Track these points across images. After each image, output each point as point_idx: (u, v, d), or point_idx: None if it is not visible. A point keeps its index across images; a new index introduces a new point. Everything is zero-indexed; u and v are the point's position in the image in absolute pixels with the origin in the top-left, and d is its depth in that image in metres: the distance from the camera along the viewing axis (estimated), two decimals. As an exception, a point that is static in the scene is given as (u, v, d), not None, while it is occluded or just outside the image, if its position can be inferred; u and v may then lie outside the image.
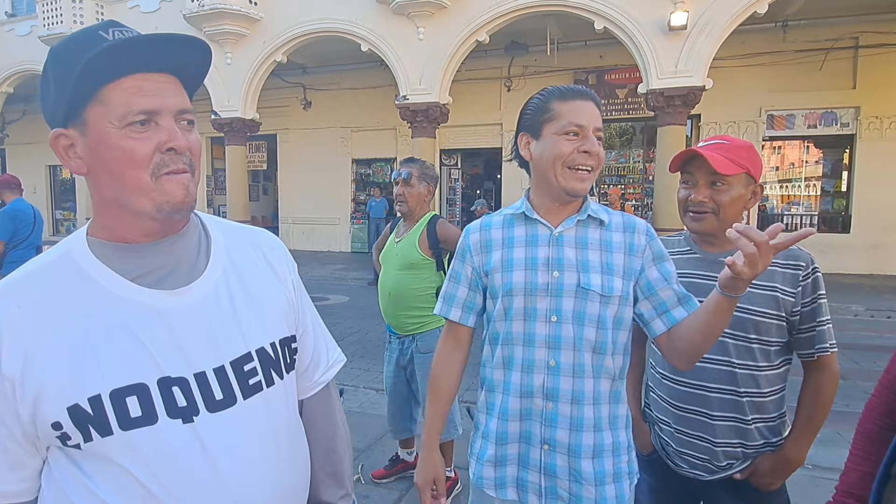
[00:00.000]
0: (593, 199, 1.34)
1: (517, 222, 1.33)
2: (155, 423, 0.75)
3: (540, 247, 1.27)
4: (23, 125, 15.36)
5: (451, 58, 9.93)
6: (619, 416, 1.28)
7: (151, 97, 0.76)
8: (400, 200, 2.79)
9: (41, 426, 0.74)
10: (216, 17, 10.83)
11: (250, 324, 0.87)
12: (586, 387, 1.23)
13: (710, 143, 1.45)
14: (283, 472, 0.87)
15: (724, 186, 1.42)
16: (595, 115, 1.24)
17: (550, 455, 1.25)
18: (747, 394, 1.43)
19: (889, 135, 10.23)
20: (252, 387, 0.84)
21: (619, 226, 1.29)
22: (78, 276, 0.79)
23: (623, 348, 1.27)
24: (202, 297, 0.83)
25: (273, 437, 0.86)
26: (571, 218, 1.28)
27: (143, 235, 0.82)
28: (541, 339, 1.25)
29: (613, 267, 1.24)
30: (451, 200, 13.80)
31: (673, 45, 8.64)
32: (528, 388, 1.26)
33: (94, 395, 0.73)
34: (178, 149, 0.77)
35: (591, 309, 1.22)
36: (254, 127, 11.98)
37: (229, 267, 0.89)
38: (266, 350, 0.88)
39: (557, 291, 1.24)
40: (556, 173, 1.24)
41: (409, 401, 2.95)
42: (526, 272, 1.26)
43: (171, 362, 0.78)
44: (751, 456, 1.45)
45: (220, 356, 0.82)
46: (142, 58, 0.76)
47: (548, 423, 1.24)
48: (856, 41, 10.11)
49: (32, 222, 5.00)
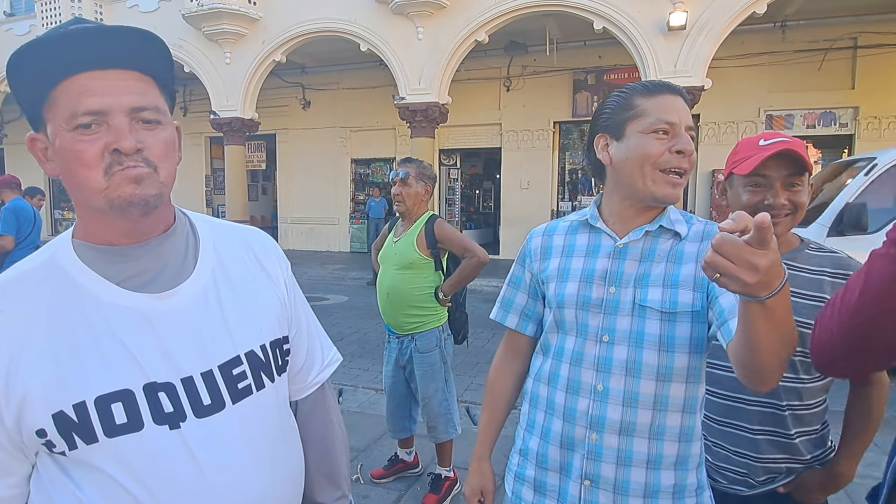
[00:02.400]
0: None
1: (581, 229, 1.22)
2: (141, 430, 0.74)
3: (600, 258, 1.15)
4: (21, 125, 15.33)
5: (450, 58, 9.92)
6: (691, 455, 1.10)
7: (98, 97, 0.73)
8: (397, 200, 2.80)
9: (26, 433, 0.73)
10: (215, 16, 10.82)
11: (239, 326, 0.85)
12: (641, 418, 1.07)
13: (779, 141, 1.31)
14: (274, 476, 0.86)
15: (800, 187, 1.32)
16: (685, 111, 1.10)
17: (592, 492, 1.10)
18: (789, 407, 1.34)
19: (887, 135, 10.24)
20: (241, 391, 0.83)
21: (696, 235, 1.13)
22: (62, 281, 0.77)
23: (697, 376, 1.10)
24: (190, 300, 0.82)
25: (263, 442, 0.85)
26: (640, 228, 1.14)
27: (122, 236, 0.80)
28: (589, 359, 1.12)
29: (680, 278, 1.08)
30: (450, 200, 13.80)
31: (672, 46, 8.65)
32: (572, 413, 1.12)
33: (78, 401, 0.72)
34: (124, 150, 0.73)
35: (651, 328, 1.07)
36: (253, 127, 11.97)
37: (218, 268, 0.87)
38: (256, 353, 0.86)
39: (612, 309, 1.11)
40: (644, 177, 1.09)
41: (407, 400, 2.95)
42: (580, 284, 1.15)
43: (157, 368, 0.77)
44: (795, 470, 1.37)
45: (209, 360, 0.81)
46: (87, 55, 0.73)
47: (591, 457, 1.10)
48: (854, 41, 10.12)
49: (33, 222, 5.01)
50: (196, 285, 0.84)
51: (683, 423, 1.10)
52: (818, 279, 1.34)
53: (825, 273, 1.34)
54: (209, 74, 11.68)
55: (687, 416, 1.10)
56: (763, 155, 1.30)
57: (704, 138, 11.06)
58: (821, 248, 1.41)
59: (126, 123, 0.74)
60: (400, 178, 2.78)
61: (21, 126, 15.32)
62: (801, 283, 1.34)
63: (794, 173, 1.31)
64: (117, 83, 0.74)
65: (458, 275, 2.78)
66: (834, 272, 1.34)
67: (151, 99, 0.77)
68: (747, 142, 1.38)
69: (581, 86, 11.86)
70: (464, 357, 5.17)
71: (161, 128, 0.78)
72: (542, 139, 12.32)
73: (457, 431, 2.85)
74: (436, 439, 2.84)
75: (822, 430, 1.41)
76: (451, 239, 2.78)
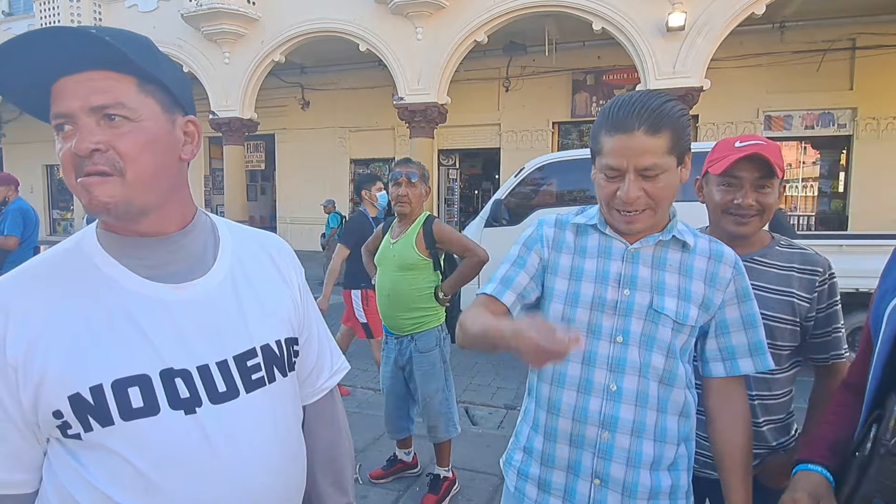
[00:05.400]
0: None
1: (591, 231, 1.21)
2: (157, 414, 0.75)
3: (613, 261, 1.16)
4: (20, 124, 15.32)
5: (449, 58, 9.92)
6: (683, 457, 1.16)
7: (66, 100, 0.73)
8: (403, 202, 2.75)
9: (42, 414, 0.74)
10: (214, 16, 10.81)
11: (256, 320, 0.87)
12: (648, 419, 1.11)
13: (755, 144, 1.37)
14: (283, 467, 0.87)
15: (770, 189, 1.38)
16: (640, 150, 1.05)
17: (601, 492, 1.12)
18: (758, 397, 1.41)
19: (886, 135, 10.26)
20: (255, 382, 0.84)
21: (704, 251, 1.16)
22: (86, 267, 0.79)
23: (690, 382, 1.16)
24: (208, 292, 0.84)
25: (274, 430, 0.86)
26: (652, 236, 1.15)
27: (132, 232, 0.81)
28: (602, 359, 1.13)
29: (691, 294, 1.12)
30: (449, 201, 13.80)
31: (671, 46, 8.66)
32: (583, 413, 1.13)
33: (95, 384, 0.73)
34: (78, 151, 0.72)
35: (663, 335, 1.11)
36: (252, 127, 11.96)
37: (237, 266, 0.89)
38: (271, 347, 0.87)
39: (626, 311, 1.13)
40: (605, 208, 1.15)
41: (406, 401, 2.95)
42: (596, 285, 1.16)
43: (173, 354, 0.78)
44: (761, 455, 1.44)
45: (224, 350, 0.82)
46: (61, 60, 0.73)
47: (602, 456, 1.11)
48: (853, 42, 10.13)
49: (34, 222, 5.01)
50: (214, 279, 0.85)
51: (681, 427, 1.14)
52: (787, 275, 1.40)
53: (794, 269, 1.40)
54: (208, 74, 11.67)
55: (684, 419, 1.15)
56: (734, 157, 1.36)
57: (703, 139, 11.08)
58: (790, 244, 1.46)
59: (92, 124, 0.74)
60: (408, 180, 2.74)
61: (19, 126, 15.28)
62: (770, 279, 1.41)
63: (764, 176, 1.37)
64: (88, 83, 0.74)
65: (458, 274, 2.78)
66: (802, 268, 1.40)
67: (117, 96, 0.74)
68: (725, 142, 1.44)
69: (580, 86, 11.87)
70: (462, 357, 5.17)
71: (132, 125, 0.75)
72: (540, 139, 12.32)
73: (457, 430, 2.85)
74: (436, 439, 2.84)
75: (788, 418, 1.48)
76: (450, 239, 2.77)
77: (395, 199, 2.78)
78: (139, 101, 0.77)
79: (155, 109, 0.79)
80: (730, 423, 1.17)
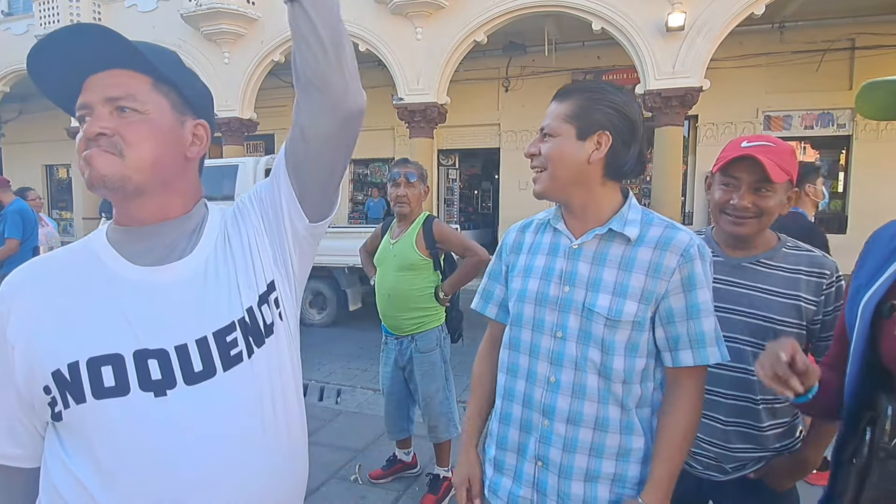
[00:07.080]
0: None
1: (548, 228, 1.27)
2: (126, 395, 0.78)
3: (558, 258, 1.21)
4: (19, 124, 15.30)
5: (448, 58, 9.92)
6: (633, 449, 1.16)
7: (87, 93, 0.83)
8: (402, 202, 2.75)
9: (35, 392, 0.79)
10: (214, 16, 10.80)
11: (234, 295, 0.88)
12: (587, 409, 1.15)
13: (758, 145, 1.34)
14: (269, 449, 0.87)
15: (770, 193, 1.34)
16: (553, 113, 1.18)
17: (543, 472, 1.21)
18: (764, 401, 1.39)
19: (885, 136, 10.26)
20: (233, 357, 0.85)
21: (651, 241, 1.14)
22: (89, 258, 0.86)
23: (642, 376, 1.16)
24: (190, 272, 0.86)
25: (259, 412, 0.86)
26: (591, 231, 1.18)
27: (132, 220, 0.87)
28: (545, 352, 1.20)
29: (629, 289, 1.12)
30: (448, 201, 13.80)
31: (670, 46, 8.66)
32: (530, 400, 1.22)
33: (72, 361, 0.78)
34: (86, 134, 0.81)
35: (596, 331, 1.14)
36: (252, 127, 11.95)
37: (221, 242, 0.91)
38: (244, 318, 0.87)
39: (566, 307, 1.17)
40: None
41: (406, 401, 2.95)
42: (541, 281, 1.22)
43: (150, 335, 0.80)
44: (766, 458, 1.43)
45: (204, 326, 0.84)
46: (91, 60, 0.81)
47: (542, 440, 1.20)
48: (852, 42, 10.13)
49: (34, 223, 5.00)
50: (199, 259, 0.88)
51: (626, 418, 1.16)
52: (795, 277, 1.37)
53: (801, 272, 1.37)
54: (208, 74, 11.64)
55: (628, 411, 1.16)
56: (730, 156, 1.36)
57: (702, 139, 11.08)
58: (797, 246, 1.43)
59: (105, 112, 0.82)
60: (406, 180, 2.74)
61: (18, 126, 15.28)
62: (777, 282, 1.38)
63: (763, 179, 1.33)
64: (106, 80, 0.83)
65: (458, 274, 2.78)
66: (810, 270, 1.37)
67: (129, 90, 0.82)
68: (735, 141, 1.42)
69: (580, 86, 11.85)
70: (462, 357, 5.16)
71: (139, 116, 0.82)
72: (540, 139, 12.30)
73: (457, 430, 2.84)
74: (436, 439, 2.84)
75: (793, 421, 1.46)
76: (450, 238, 2.78)
77: (394, 199, 2.77)
78: (151, 97, 0.84)
79: (164, 107, 0.85)
80: (667, 411, 1.16)
